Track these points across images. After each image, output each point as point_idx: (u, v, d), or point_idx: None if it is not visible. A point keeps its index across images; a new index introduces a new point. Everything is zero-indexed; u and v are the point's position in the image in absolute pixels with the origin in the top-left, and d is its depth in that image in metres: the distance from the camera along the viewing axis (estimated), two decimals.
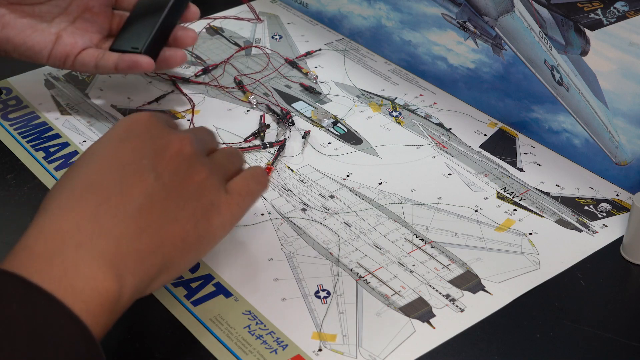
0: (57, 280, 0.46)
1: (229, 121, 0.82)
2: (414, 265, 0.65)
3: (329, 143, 0.79)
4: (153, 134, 0.54)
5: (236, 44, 0.94)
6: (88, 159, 0.53)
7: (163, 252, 0.51)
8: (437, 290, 0.63)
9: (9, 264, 0.47)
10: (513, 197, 0.72)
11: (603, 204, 0.72)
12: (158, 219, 0.51)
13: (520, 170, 0.76)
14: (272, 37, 0.96)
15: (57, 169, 0.75)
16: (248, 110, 0.83)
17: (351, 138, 0.80)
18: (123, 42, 0.78)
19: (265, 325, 0.60)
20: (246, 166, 0.62)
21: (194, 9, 0.82)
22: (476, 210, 0.71)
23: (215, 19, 0.99)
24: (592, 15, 0.69)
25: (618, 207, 0.71)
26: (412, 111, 0.83)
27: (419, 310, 0.61)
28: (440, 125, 0.81)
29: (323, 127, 0.81)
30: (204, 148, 0.58)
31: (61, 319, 0.45)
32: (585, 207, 0.71)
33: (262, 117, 0.82)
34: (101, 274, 0.47)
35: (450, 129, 0.81)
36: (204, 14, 0.98)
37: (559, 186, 0.74)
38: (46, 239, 0.48)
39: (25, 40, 0.77)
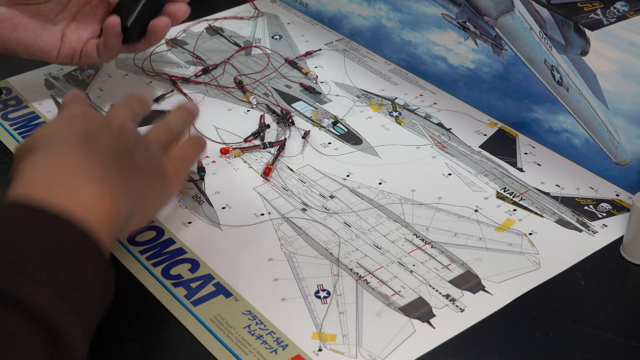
0: (64, 200, 0.49)
1: (229, 121, 0.82)
2: (414, 265, 0.65)
3: (329, 143, 0.79)
4: (92, 118, 0.59)
5: (236, 44, 0.94)
6: (49, 132, 0.56)
7: (137, 189, 0.56)
8: (437, 290, 0.63)
9: (11, 196, 0.49)
10: (513, 197, 0.72)
11: (603, 204, 0.72)
12: (130, 165, 0.56)
13: (520, 170, 0.76)
14: (272, 37, 0.96)
15: None
16: (248, 110, 0.83)
17: (351, 138, 0.80)
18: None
19: (265, 325, 0.60)
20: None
21: (183, 7, 0.81)
22: (476, 210, 0.71)
23: (215, 19, 0.99)
24: (592, 15, 0.69)
25: (618, 207, 0.71)
26: (412, 111, 0.83)
27: (419, 310, 0.61)
28: (440, 125, 0.81)
29: (323, 127, 0.81)
30: (137, 125, 0.64)
31: (73, 232, 0.47)
32: (585, 207, 0.71)
33: (262, 117, 0.82)
34: (102, 194, 0.51)
35: (450, 129, 0.81)
36: (204, 14, 0.98)
37: (559, 186, 0.74)
38: (43, 172, 0.51)
39: (36, 41, 0.78)
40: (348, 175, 0.75)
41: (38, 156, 0.53)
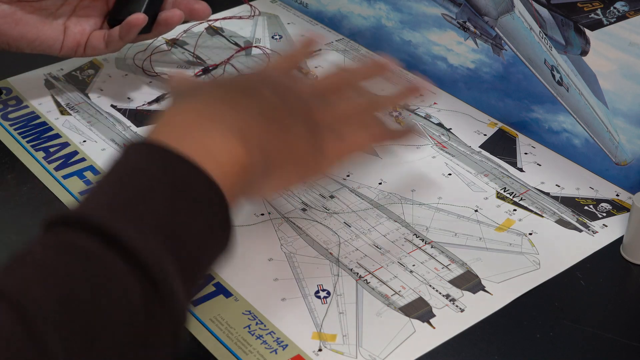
0: (195, 147, 0.49)
1: None
2: (414, 265, 0.65)
3: None
4: (274, 74, 0.62)
5: (236, 44, 0.94)
6: (212, 84, 0.59)
7: (279, 148, 0.55)
8: (437, 290, 0.63)
9: (152, 135, 0.50)
10: (513, 197, 0.72)
11: (603, 204, 0.72)
12: (278, 122, 0.55)
13: (520, 170, 0.76)
14: (272, 37, 0.96)
15: (57, 169, 0.75)
16: None
17: None
18: (120, 13, 0.81)
19: (265, 325, 0.60)
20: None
21: (203, 6, 0.83)
22: (476, 210, 0.71)
23: (215, 20, 0.99)
24: (592, 15, 0.69)
25: (618, 207, 0.71)
26: (412, 111, 0.83)
27: (419, 310, 0.61)
28: (440, 125, 0.81)
29: None
30: (326, 92, 0.62)
31: (199, 183, 0.48)
32: (585, 207, 0.71)
33: None
34: (235, 142, 0.51)
35: (450, 129, 0.81)
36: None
37: (559, 186, 0.74)
38: (183, 114, 0.52)
39: (39, 35, 0.78)
40: (348, 175, 0.75)
41: (183, 100, 0.55)
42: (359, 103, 0.63)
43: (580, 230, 0.69)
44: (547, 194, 0.73)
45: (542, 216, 0.70)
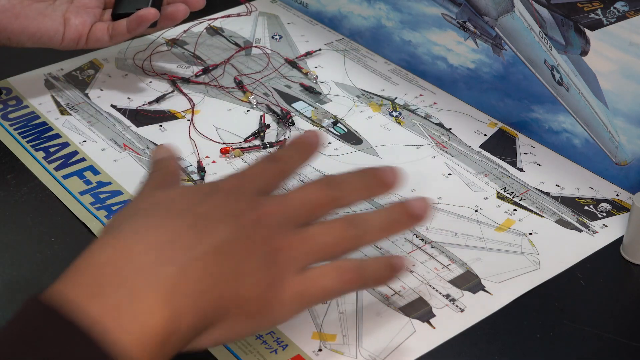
0: (108, 312, 0.43)
1: (229, 121, 0.82)
2: (414, 265, 0.65)
3: (329, 143, 0.79)
4: (238, 198, 0.50)
5: (236, 44, 0.94)
6: (167, 198, 0.50)
7: (221, 305, 0.46)
8: (437, 290, 0.63)
9: (67, 280, 0.45)
10: (513, 197, 0.72)
11: (603, 204, 0.72)
12: (227, 271, 0.47)
13: (520, 170, 0.76)
14: (272, 37, 0.96)
15: (57, 169, 0.75)
16: (248, 110, 0.83)
17: (351, 138, 0.80)
18: (125, 6, 0.81)
19: None
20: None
21: None
22: (476, 210, 0.71)
23: (215, 19, 0.99)
24: (592, 15, 0.69)
25: (618, 207, 0.71)
26: (412, 111, 0.83)
27: (419, 310, 0.61)
28: (440, 125, 0.81)
29: (323, 127, 0.81)
30: (297, 218, 0.51)
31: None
32: (585, 207, 0.71)
33: (262, 117, 0.82)
34: (157, 307, 0.43)
35: (450, 129, 0.81)
36: (204, 14, 0.98)
37: (559, 186, 0.74)
38: (103, 265, 0.45)
39: (39, 28, 0.79)
40: None
41: (122, 227, 0.47)
42: (340, 234, 0.51)
43: (580, 230, 0.69)
44: (547, 194, 0.73)
45: (542, 216, 0.70)
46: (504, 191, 0.73)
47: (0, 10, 0.77)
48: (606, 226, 0.69)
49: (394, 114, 0.83)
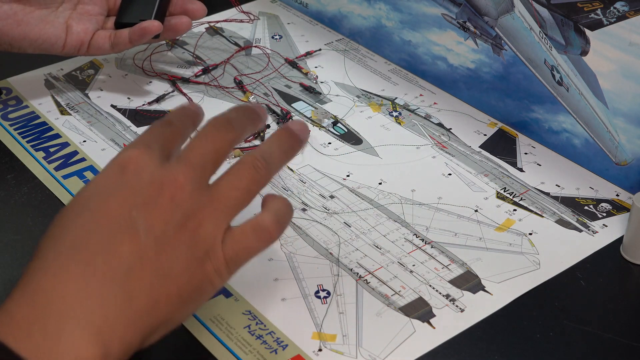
0: (36, 351, 0.43)
1: None
2: (414, 265, 0.65)
3: (329, 143, 0.79)
4: (143, 179, 0.49)
5: (236, 44, 0.94)
6: (74, 213, 0.49)
7: (157, 312, 0.47)
8: (437, 290, 0.63)
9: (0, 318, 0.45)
10: (513, 197, 0.72)
11: (603, 204, 0.72)
12: (149, 279, 0.47)
13: (520, 170, 0.76)
14: (272, 37, 0.96)
15: (57, 169, 0.75)
16: None
17: (351, 138, 0.80)
18: (129, 16, 0.82)
19: (265, 325, 0.60)
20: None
21: (199, 6, 0.84)
22: (476, 210, 0.71)
23: (217, 22, 0.99)
24: (592, 15, 0.69)
25: (618, 207, 0.71)
26: (412, 111, 0.83)
27: (419, 310, 0.61)
28: (440, 125, 0.81)
29: (323, 127, 0.81)
30: (206, 173, 0.51)
31: None
32: (585, 207, 0.71)
33: None
34: (84, 345, 0.44)
35: (450, 129, 0.81)
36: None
37: (559, 186, 0.74)
38: (28, 304, 0.45)
39: (40, 34, 0.79)
40: (348, 175, 0.75)
41: (37, 270, 0.46)
42: (248, 180, 0.52)
43: (580, 230, 0.69)
44: (547, 194, 0.73)
45: (542, 216, 0.70)
46: (504, 191, 0.73)
47: (1, 16, 0.77)
48: (606, 226, 0.69)
49: (394, 114, 0.83)
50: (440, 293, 0.63)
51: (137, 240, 0.47)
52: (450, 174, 0.75)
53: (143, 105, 0.84)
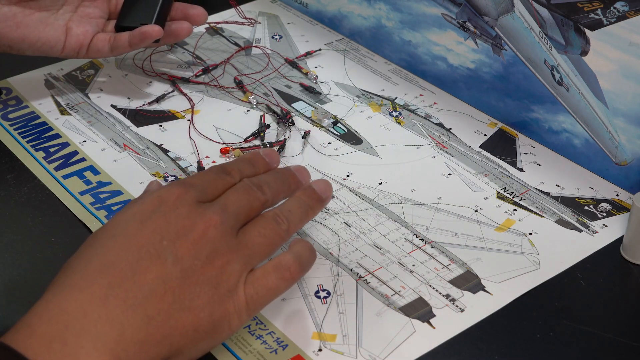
0: None
1: (229, 121, 0.82)
2: (414, 265, 0.65)
3: (329, 143, 0.79)
4: (179, 213, 0.52)
5: (236, 44, 0.94)
6: (107, 235, 0.51)
7: (171, 341, 0.49)
8: (437, 290, 0.63)
9: (10, 339, 0.46)
10: (513, 197, 0.72)
11: (603, 204, 0.72)
12: (169, 307, 0.49)
13: (520, 170, 0.76)
14: (272, 37, 0.96)
15: (57, 169, 0.75)
16: (248, 110, 0.83)
17: (351, 138, 0.80)
18: (129, 19, 0.82)
19: (265, 325, 0.60)
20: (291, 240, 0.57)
21: (200, 11, 0.84)
22: (476, 210, 0.71)
23: (218, 23, 0.99)
24: (592, 15, 0.69)
25: (618, 207, 0.71)
26: (412, 111, 0.83)
27: (419, 310, 0.61)
28: (440, 125, 0.81)
29: (323, 127, 0.81)
30: (237, 222, 0.54)
31: None
32: (585, 207, 0.71)
33: (262, 117, 0.82)
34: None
35: (450, 129, 0.81)
36: None
37: (559, 186, 0.74)
38: (49, 320, 0.46)
39: (40, 37, 0.79)
40: (348, 175, 0.75)
41: (61, 287, 0.48)
42: (272, 233, 0.55)
43: (580, 230, 0.69)
44: (547, 194, 0.73)
45: (542, 216, 0.70)
46: (504, 191, 0.73)
47: (1, 19, 0.77)
48: (606, 226, 0.69)
49: (394, 114, 0.83)
50: (440, 293, 0.63)
51: (164, 269, 0.49)
52: (450, 174, 0.75)
53: (143, 105, 0.84)
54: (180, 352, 0.50)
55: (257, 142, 0.79)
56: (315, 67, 0.90)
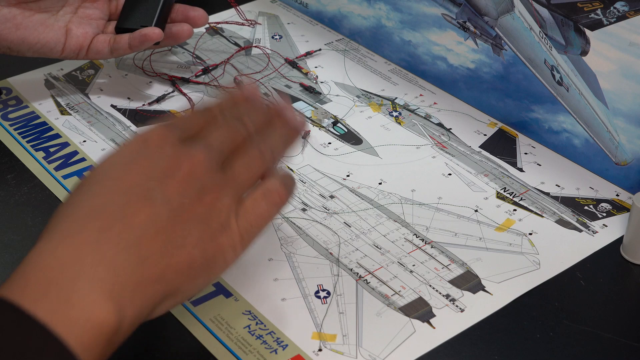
0: (52, 311, 0.44)
1: None
2: (414, 265, 0.65)
3: (329, 143, 0.79)
4: (165, 153, 0.51)
5: (236, 44, 0.94)
6: (94, 181, 0.51)
7: (166, 280, 0.48)
8: (437, 290, 0.63)
9: (4, 290, 0.46)
10: (513, 197, 0.72)
11: (603, 204, 0.72)
12: (162, 246, 0.48)
13: (520, 170, 0.76)
14: (272, 37, 0.96)
15: (57, 169, 0.75)
16: None
17: (351, 138, 0.80)
18: (130, 21, 0.81)
19: (265, 325, 0.60)
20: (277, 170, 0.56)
21: (201, 13, 0.84)
22: (476, 210, 0.71)
23: (218, 23, 0.99)
24: (592, 15, 0.69)
25: (618, 207, 0.71)
26: (412, 111, 0.83)
27: (419, 310, 0.61)
28: (440, 125, 0.81)
29: (323, 127, 0.81)
30: (222, 157, 0.53)
31: (53, 351, 0.43)
32: (585, 207, 0.71)
33: None
34: (98, 306, 0.45)
35: (450, 129, 0.81)
36: None
37: (559, 186, 0.74)
38: (44, 268, 0.46)
39: (39, 39, 0.79)
40: (348, 175, 0.75)
41: (52, 235, 0.48)
42: (257, 164, 0.54)
43: (580, 230, 0.69)
44: (547, 194, 0.73)
45: (542, 216, 0.70)
46: (504, 191, 0.73)
47: (0, 20, 0.77)
48: (606, 226, 0.69)
49: (394, 114, 0.83)
50: (440, 293, 0.63)
51: (153, 209, 0.49)
52: (450, 174, 0.75)
53: (143, 105, 0.84)
54: (177, 289, 0.49)
55: None
56: (315, 67, 0.90)
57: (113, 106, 0.84)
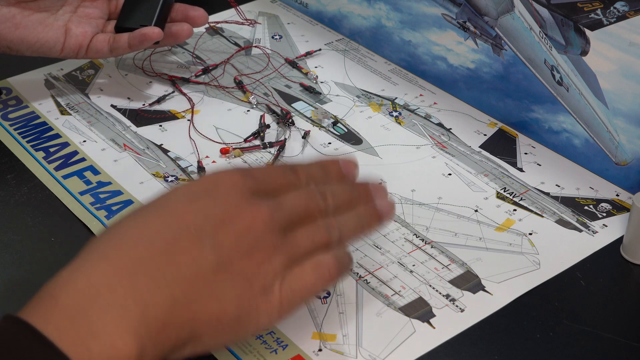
0: (75, 343, 0.43)
1: (229, 121, 0.82)
2: (414, 265, 0.65)
3: (329, 143, 0.79)
4: (230, 200, 0.49)
5: (236, 44, 0.94)
6: (152, 210, 0.49)
7: (192, 327, 0.47)
8: (437, 290, 0.63)
9: (32, 310, 0.45)
10: (513, 197, 0.72)
11: (603, 204, 0.72)
12: (197, 293, 0.47)
13: (520, 170, 0.76)
14: (272, 37, 0.96)
15: (57, 169, 0.75)
16: (248, 110, 0.83)
17: (351, 138, 0.80)
18: (129, 21, 0.81)
19: None
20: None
21: (201, 13, 0.84)
22: (476, 210, 0.71)
23: (218, 23, 0.99)
24: (592, 15, 0.69)
25: (618, 207, 0.71)
26: (412, 111, 0.83)
27: (419, 310, 0.61)
28: (440, 125, 0.81)
29: (323, 127, 0.81)
30: (288, 221, 0.51)
31: None
32: (585, 207, 0.71)
33: (262, 117, 0.82)
34: (122, 342, 0.44)
35: (450, 129, 0.81)
36: None
37: (559, 186, 0.74)
38: (74, 292, 0.45)
39: (39, 38, 0.78)
40: None
41: (92, 255, 0.46)
42: (320, 241, 0.52)
43: (580, 230, 0.69)
44: (547, 194, 0.73)
45: (542, 216, 0.70)
46: (504, 191, 0.73)
47: (0, 20, 0.77)
48: (606, 226, 0.69)
49: (394, 114, 0.83)
50: (440, 293, 0.63)
51: (200, 252, 0.47)
52: (450, 174, 0.75)
53: (143, 105, 0.84)
54: (200, 339, 0.47)
55: (257, 142, 0.79)
56: (315, 67, 0.90)
57: (113, 106, 0.84)
